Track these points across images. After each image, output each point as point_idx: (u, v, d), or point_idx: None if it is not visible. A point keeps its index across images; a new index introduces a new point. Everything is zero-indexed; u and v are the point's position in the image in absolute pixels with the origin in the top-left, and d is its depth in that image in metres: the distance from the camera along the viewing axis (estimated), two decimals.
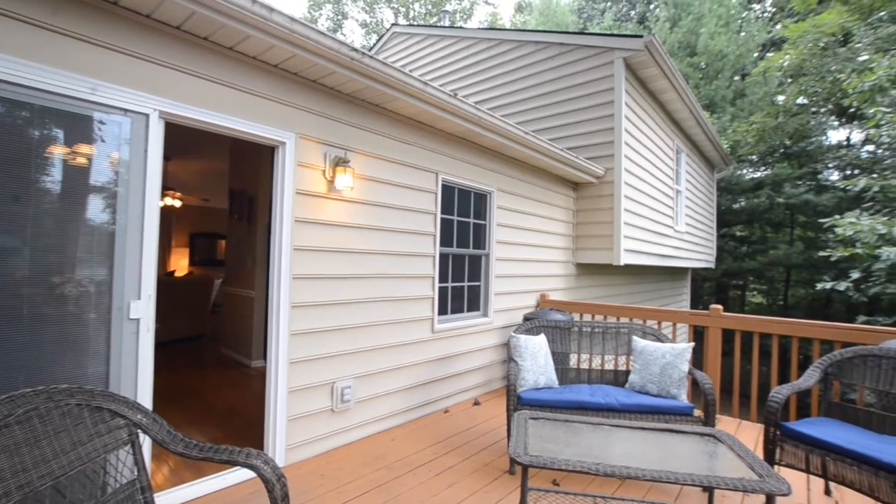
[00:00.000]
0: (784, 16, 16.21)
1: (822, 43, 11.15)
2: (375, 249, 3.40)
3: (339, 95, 3.12)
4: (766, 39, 15.71)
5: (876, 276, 7.38)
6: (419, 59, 8.12)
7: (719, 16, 15.23)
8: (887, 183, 7.80)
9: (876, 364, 2.68)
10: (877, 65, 8.47)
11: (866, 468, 2.16)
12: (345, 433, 3.19)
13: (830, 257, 7.56)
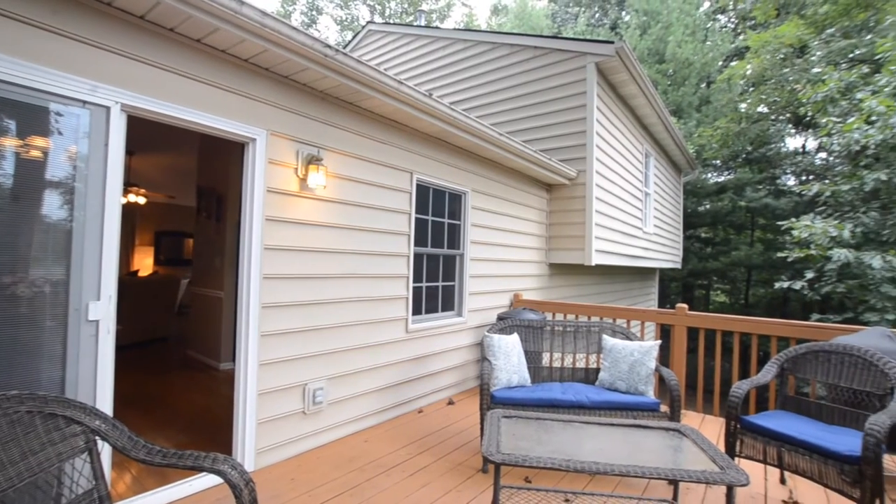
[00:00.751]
0: (747, 26, 16.95)
1: (782, 54, 11.71)
2: (349, 249, 3.36)
3: (313, 92, 3.07)
4: (729, 50, 16.38)
5: (828, 275, 7.81)
6: (394, 57, 8.08)
7: (686, 25, 15.79)
8: (838, 188, 8.27)
9: (826, 359, 2.84)
10: (829, 77, 8.97)
11: (816, 457, 2.29)
12: (317, 435, 3.15)
13: (787, 258, 7.95)
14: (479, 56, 6.86)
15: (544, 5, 23.27)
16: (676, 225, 11.20)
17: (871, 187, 7.70)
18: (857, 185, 7.93)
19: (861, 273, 7.14)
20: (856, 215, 8.18)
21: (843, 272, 7.57)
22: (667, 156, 9.88)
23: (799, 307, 13.82)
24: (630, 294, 9.56)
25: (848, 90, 8.79)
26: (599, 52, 5.64)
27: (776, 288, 9.15)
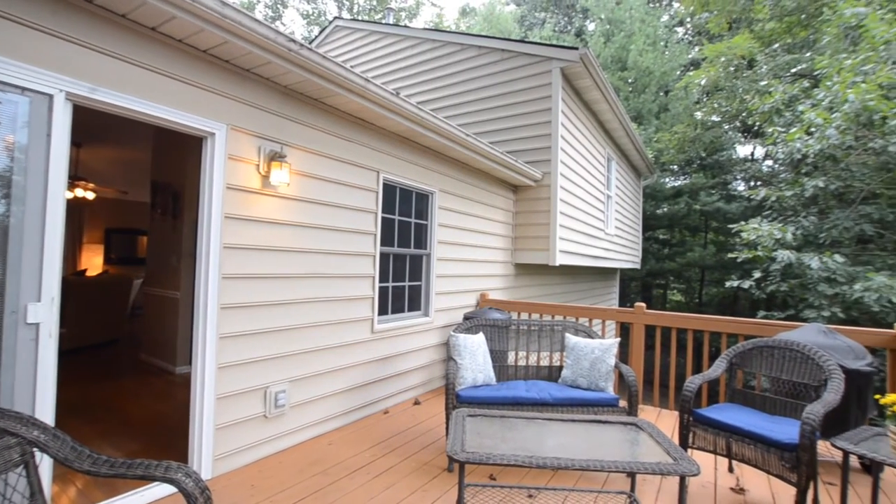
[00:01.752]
0: (703, 38, 17.81)
1: (733, 65, 12.39)
2: (313, 248, 3.30)
3: (276, 87, 2.99)
4: (687, 60, 17.17)
5: (773, 275, 8.32)
6: (362, 55, 7.98)
7: (648, 35, 16.43)
8: (782, 194, 8.82)
9: (770, 354, 3.03)
10: (774, 89, 9.56)
11: (760, 446, 2.44)
12: (279, 439, 3.07)
13: (737, 259, 8.41)
14: (447, 57, 6.88)
15: (513, 9, 23.61)
16: (636, 227, 11.64)
17: (810, 193, 8.27)
18: (799, 192, 8.50)
19: (801, 273, 7.65)
20: (797, 219, 8.76)
21: (786, 272, 8.09)
22: (627, 160, 10.24)
23: (748, 305, 14.65)
24: (592, 293, 9.85)
25: (791, 102, 9.40)
26: (564, 57, 5.78)
27: (727, 287, 9.67)
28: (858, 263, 7.75)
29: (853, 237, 8.20)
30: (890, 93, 7.23)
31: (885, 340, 3.37)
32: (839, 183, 8.19)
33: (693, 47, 18.05)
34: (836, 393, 2.52)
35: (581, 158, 6.87)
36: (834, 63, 8.22)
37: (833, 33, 9.49)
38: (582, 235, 6.99)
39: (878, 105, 6.79)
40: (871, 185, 7.93)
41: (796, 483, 2.27)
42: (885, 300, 6.41)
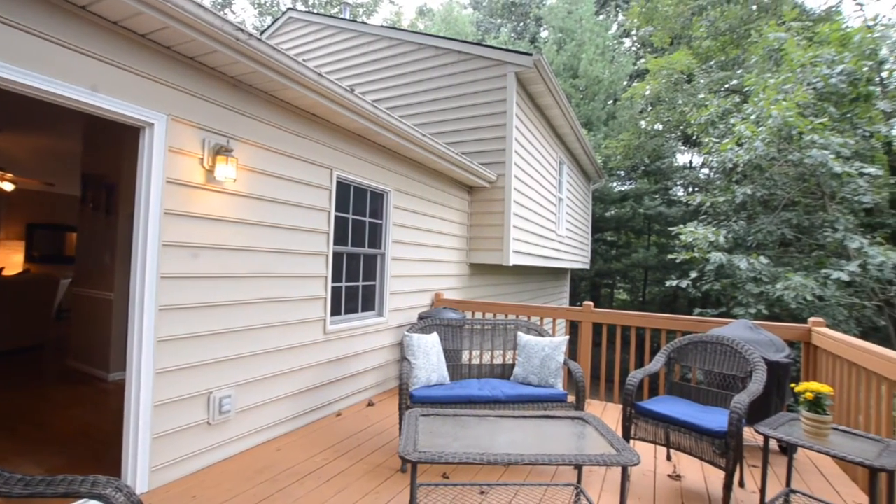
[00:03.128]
0: (648, 51, 18.84)
1: (674, 79, 13.20)
2: (262, 247, 3.17)
3: (223, 78, 2.85)
4: (632, 71, 18.10)
5: (707, 275, 8.95)
6: (316, 49, 7.77)
7: (597, 45, 17.16)
8: (716, 200, 9.51)
9: (703, 349, 3.25)
10: (710, 103, 10.28)
11: (694, 434, 2.62)
12: (224, 447, 2.93)
13: (676, 260, 8.97)
14: (404, 56, 6.84)
15: (470, 13, 23.86)
16: (586, 229, 12.12)
17: (740, 200, 8.97)
18: (730, 198, 9.19)
19: (732, 273, 8.28)
20: (729, 223, 9.47)
21: (719, 272, 8.73)
22: (578, 164, 10.64)
23: (686, 303, 15.65)
24: (544, 292, 10.16)
25: (724, 115, 10.16)
26: (519, 62, 5.92)
27: (667, 286, 10.28)
28: (780, 265, 8.50)
29: (776, 240, 8.98)
30: (805, 111, 7.99)
31: (800, 334, 3.71)
32: (764, 191, 8.94)
33: (639, 59, 19.05)
34: (759, 383, 2.75)
35: (534, 161, 7.06)
36: (760, 81, 8.97)
37: (759, 54, 10.36)
38: (535, 236, 7.18)
39: (796, 121, 7.48)
40: (791, 193, 8.72)
41: (725, 467, 2.46)
42: (801, 298, 7.08)
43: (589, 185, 12.49)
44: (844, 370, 3.12)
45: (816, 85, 8.10)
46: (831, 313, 7.41)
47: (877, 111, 8.85)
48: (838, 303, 7.42)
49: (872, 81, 8.94)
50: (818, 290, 7.12)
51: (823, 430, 2.24)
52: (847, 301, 7.49)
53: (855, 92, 8.47)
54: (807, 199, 8.75)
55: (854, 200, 7.99)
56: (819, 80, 8.07)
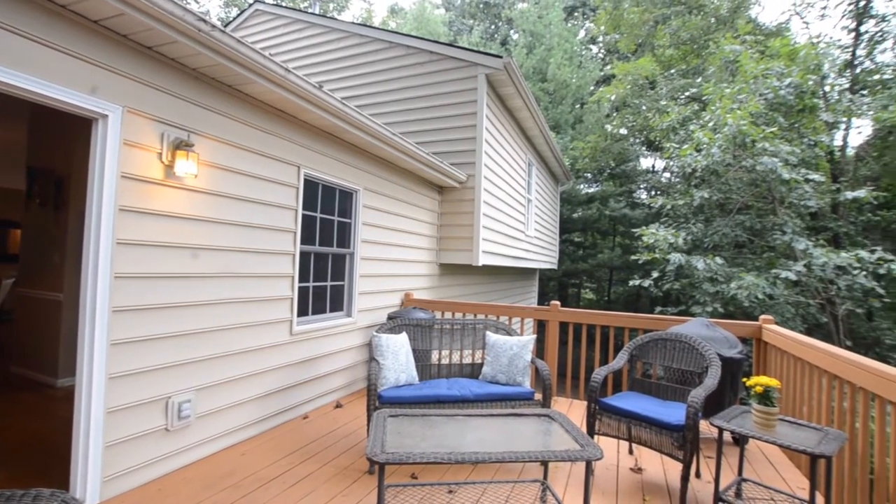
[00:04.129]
0: (614, 57, 19.42)
1: (639, 84, 13.66)
2: (225, 246, 3.07)
3: (184, 70, 2.74)
4: (599, 76, 18.62)
5: (668, 275, 9.32)
6: (284, 43, 7.59)
7: (565, 50, 17.54)
8: (676, 203, 9.91)
9: (663, 346, 3.39)
10: (671, 110, 10.70)
11: (654, 428, 2.72)
12: (184, 453, 2.82)
13: (639, 260, 9.29)
14: (375, 54, 6.78)
15: (442, 13, 23.89)
16: (554, 229, 12.36)
17: (698, 203, 9.39)
18: (689, 201, 9.60)
19: (690, 273, 8.66)
20: (688, 226, 9.89)
21: (679, 272, 9.10)
22: (546, 166, 10.85)
23: (648, 302, 16.23)
24: (513, 292, 10.30)
25: (685, 122, 10.60)
26: (489, 64, 5.97)
27: (631, 286, 10.64)
28: (734, 265, 8.95)
29: (731, 242, 9.45)
30: (758, 120, 8.45)
31: (752, 331, 3.93)
32: (720, 195, 9.39)
33: (605, 65, 19.61)
34: (714, 378, 2.89)
35: (504, 163, 7.15)
36: (717, 90, 9.42)
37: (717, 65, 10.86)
38: (504, 237, 7.27)
39: (749, 130, 7.90)
40: (745, 197, 9.20)
41: (682, 459, 2.57)
42: (753, 296, 7.48)
43: (557, 186, 12.75)
44: (791, 364, 3.32)
45: (767, 96, 8.58)
46: (780, 311, 7.87)
47: (820, 122, 9.47)
48: (786, 301, 7.89)
49: (816, 94, 9.56)
50: (768, 289, 7.54)
51: (771, 422, 2.38)
52: (794, 299, 7.98)
53: (801, 103, 9.03)
54: (759, 203, 9.25)
55: (801, 205, 8.51)
56: (770, 91, 8.56)
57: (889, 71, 11.94)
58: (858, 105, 9.88)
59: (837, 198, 9.10)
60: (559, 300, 17.97)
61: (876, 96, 10.41)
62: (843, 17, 12.54)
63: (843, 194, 8.59)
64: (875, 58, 12.45)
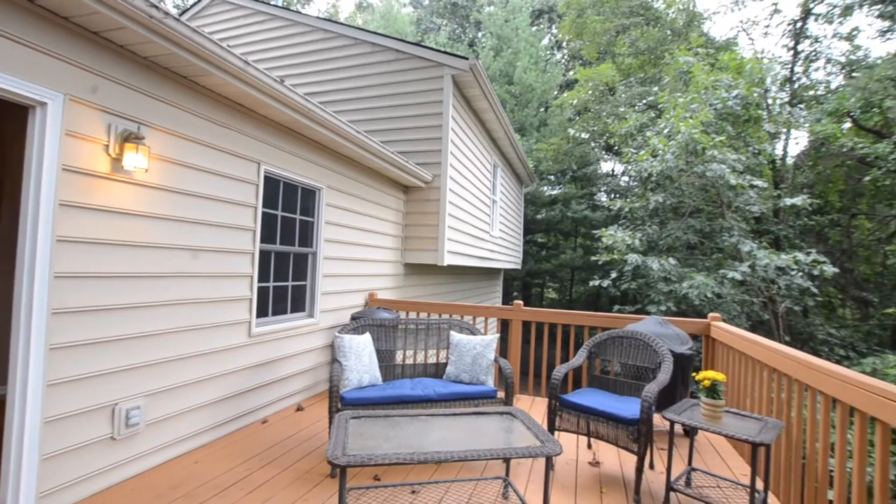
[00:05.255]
0: (578, 63, 19.99)
1: (600, 91, 14.12)
2: (179, 244, 2.93)
3: (135, 58, 2.59)
4: (563, 81, 19.11)
5: (625, 275, 9.69)
6: (244, 35, 7.32)
7: (531, 55, 17.89)
8: (633, 206, 10.32)
9: (620, 343, 3.52)
10: (629, 116, 11.12)
11: (611, 423, 2.82)
12: (132, 463, 2.67)
13: (598, 261, 9.61)
14: (340, 50, 6.66)
15: (409, 11, 23.79)
16: (518, 230, 12.58)
17: (653, 206, 9.81)
18: (645, 204, 10.02)
19: (646, 273, 9.04)
20: (644, 228, 10.32)
21: (636, 272, 9.48)
22: (511, 168, 11.02)
23: (607, 301, 16.80)
24: (478, 292, 10.40)
25: (642, 128, 11.05)
26: (456, 65, 6.00)
27: (591, 285, 10.97)
28: (686, 265, 9.42)
29: (683, 244, 9.94)
30: (708, 128, 8.93)
31: (701, 328, 4.14)
32: (674, 199, 9.86)
33: (568, 71, 20.16)
34: (667, 374, 3.03)
35: (469, 163, 7.21)
36: (671, 99, 9.88)
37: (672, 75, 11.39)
38: (469, 237, 7.33)
39: (700, 138, 8.34)
40: (696, 201, 9.69)
41: (637, 451, 2.68)
42: (703, 295, 7.90)
43: (521, 188, 12.98)
44: (736, 359, 3.53)
45: (717, 106, 9.09)
46: (727, 309, 8.35)
47: (764, 132, 10.13)
48: (733, 299, 8.38)
49: (760, 106, 10.21)
50: (717, 289, 7.99)
51: (718, 413, 2.52)
52: (739, 298, 8.49)
53: (747, 114, 9.63)
54: (709, 207, 9.78)
55: (746, 209, 9.06)
56: (719, 102, 9.07)
57: (821, 87, 12.94)
58: (796, 117, 10.64)
59: (778, 203, 9.76)
60: (523, 300, 18.33)
61: (811, 110, 11.26)
62: (783, 36, 13.49)
63: (783, 200, 9.22)
64: (810, 75, 13.47)
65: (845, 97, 10.35)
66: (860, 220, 12.04)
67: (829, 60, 13.02)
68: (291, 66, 6.94)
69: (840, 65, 12.87)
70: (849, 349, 9.51)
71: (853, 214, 11.98)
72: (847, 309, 12.02)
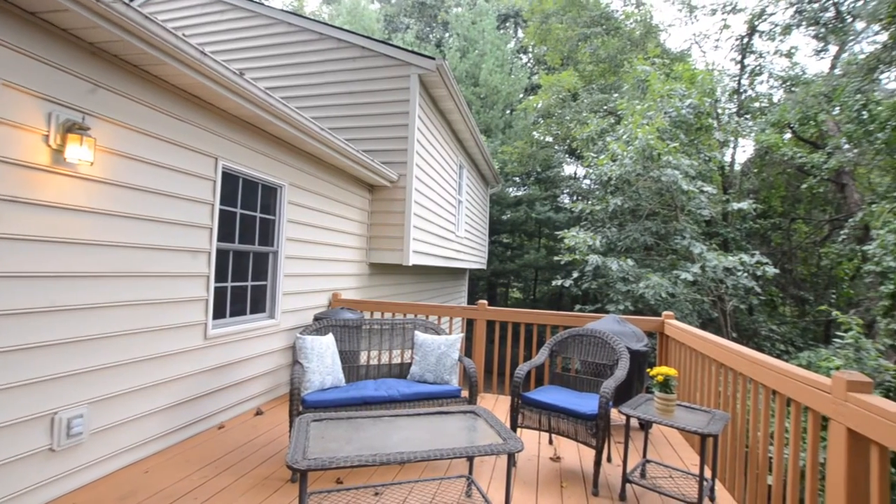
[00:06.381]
0: (542, 68, 20.41)
1: (562, 95, 14.48)
2: (129, 242, 2.78)
3: (80, 43, 2.43)
4: (527, 84, 19.47)
5: (587, 275, 9.98)
6: (202, 24, 7.02)
7: (497, 57, 18.11)
8: (594, 208, 10.65)
9: (580, 341, 3.62)
10: (590, 121, 11.48)
11: (571, 419, 2.90)
12: (75, 475, 2.50)
13: (561, 261, 9.85)
14: (304, 44, 6.51)
15: (377, 8, 23.54)
16: (483, 230, 12.71)
17: (612, 209, 10.17)
18: (605, 207, 10.36)
19: (606, 273, 9.35)
20: (604, 229, 10.67)
21: (596, 273, 9.79)
22: (477, 169, 11.12)
23: (570, 300, 17.26)
24: (444, 292, 10.43)
25: (602, 134, 11.42)
26: (422, 65, 5.99)
27: (554, 285, 11.24)
28: (643, 266, 9.81)
29: (641, 245, 10.35)
30: (663, 135, 9.35)
31: (656, 326, 4.33)
32: (632, 202, 10.25)
33: (533, 74, 20.56)
34: (623, 370, 3.15)
35: (435, 163, 7.22)
36: (630, 106, 10.28)
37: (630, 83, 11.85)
38: (435, 237, 7.34)
39: (656, 144, 8.72)
40: (652, 205, 10.12)
41: (595, 445, 2.77)
42: (658, 295, 8.26)
43: (487, 189, 13.12)
44: (687, 355, 3.71)
45: (671, 114, 9.53)
46: (680, 308, 8.77)
47: (714, 140, 10.71)
48: (685, 299, 8.80)
49: (711, 115, 10.80)
50: (671, 288, 8.37)
51: (670, 407, 2.65)
52: (691, 297, 8.93)
53: (699, 123, 10.16)
54: (664, 210, 10.23)
55: (697, 213, 9.55)
56: (673, 110, 9.51)
57: (765, 100, 13.85)
58: (743, 127, 11.32)
59: (727, 207, 10.34)
60: (488, 299, 18.54)
61: (756, 121, 12.01)
62: (732, 50, 14.32)
63: (731, 204, 9.78)
64: (755, 88, 14.37)
65: (786, 110, 11.11)
66: (798, 224, 12.97)
67: (772, 75, 13.94)
68: (253, 59, 6.72)
69: (781, 79, 13.80)
70: (788, 344, 10.22)
71: (793, 219, 12.88)
72: (787, 307, 12.91)
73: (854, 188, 10.98)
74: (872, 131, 8.60)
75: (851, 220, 9.57)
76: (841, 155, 9.91)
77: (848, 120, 9.33)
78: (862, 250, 8.82)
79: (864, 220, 8.82)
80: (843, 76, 9.82)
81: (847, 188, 11.09)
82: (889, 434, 1.50)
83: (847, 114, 9.25)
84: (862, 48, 10.97)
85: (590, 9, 15.72)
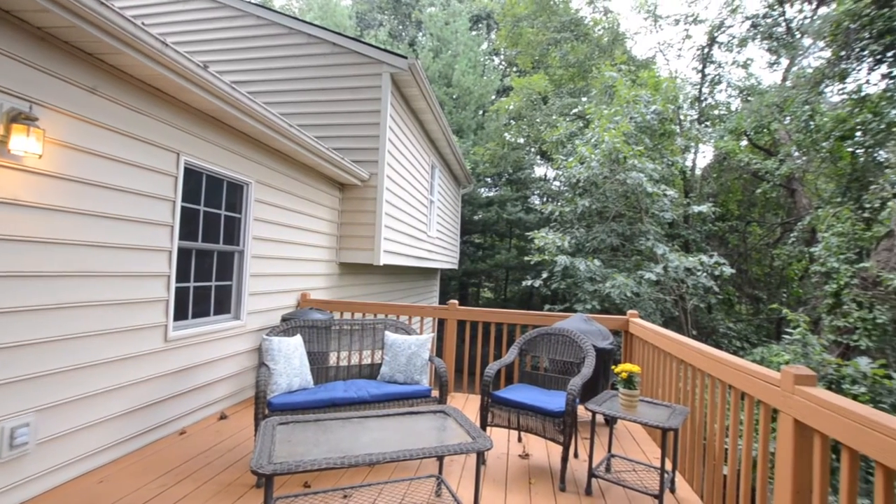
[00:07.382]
0: (513, 71, 20.67)
1: (533, 98, 14.72)
2: (80, 240, 2.63)
3: (27, 28, 2.29)
4: (499, 86, 19.67)
5: (555, 275, 10.18)
6: (165, 13, 6.74)
7: (470, 59, 18.21)
8: (563, 209, 10.88)
9: (549, 340, 3.69)
10: (560, 124, 11.72)
11: (539, 416, 2.96)
12: (20, 488, 2.35)
13: (531, 261, 10.01)
14: (273, 38, 6.35)
15: (349, 4, 23.21)
16: (455, 230, 12.75)
17: (580, 210, 10.41)
18: (573, 208, 10.61)
19: (574, 273, 9.57)
20: (572, 230, 10.91)
21: (565, 273, 10.00)
22: (449, 169, 11.15)
23: (539, 300, 17.54)
24: (415, 292, 10.40)
25: (571, 137, 11.68)
26: (395, 63, 5.96)
27: (524, 285, 11.40)
28: (610, 266, 10.10)
29: (607, 246, 10.64)
30: (629, 139, 9.65)
31: (621, 324, 4.47)
32: (599, 204, 10.53)
33: (505, 77, 20.79)
34: (590, 367, 3.23)
35: (407, 163, 7.19)
36: (597, 111, 10.55)
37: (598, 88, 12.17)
38: (406, 237, 7.31)
39: (622, 148, 8.99)
40: (619, 206, 10.43)
41: (562, 442, 2.83)
42: (624, 294, 8.52)
43: (459, 189, 13.17)
44: (650, 352, 3.85)
45: (636, 119, 9.85)
46: (644, 306, 9.07)
47: (676, 146, 11.14)
48: (649, 298, 9.12)
49: (674, 121, 11.23)
50: (636, 288, 8.65)
51: (634, 403, 2.74)
52: (655, 296, 9.26)
53: (662, 128, 10.55)
54: (629, 212, 10.57)
55: (660, 215, 9.91)
56: (638, 115, 9.84)
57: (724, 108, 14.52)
58: (703, 133, 11.83)
59: (688, 210, 10.77)
60: (460, 299, 18.63)
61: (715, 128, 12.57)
62: (693, 59, 14.93)
63: (692, 207, 10.20)
64: (715, 96, 15.04)
65: (742, 118, 11.68)
66: (753, 227, 13.65)
67: (730, 84, 14.63)
68: (219, 51, 6.50)
69: (738, 89, 14.50)
70: (743, 341, 10.75)
71: (748, 221, 13.55)
72: (743, 305, 13.57)
73: (803, 193, 11.67)
74: (818, 140, 9.16)
75: (800, 224, 10.17)
76: (791, 162, 10.50)
77: (797, 129, 9.91)
78: (809, 252, 9.38)
79: (811, 224, 9.39)
80: (793, 88, 10.42)
81: (797, 193, 11.77)
82: (829, 424, 1.61)
83: (796, 123, 9.82)
84: (810, 62, 11.67)
85: (560, 14, 16.06)
